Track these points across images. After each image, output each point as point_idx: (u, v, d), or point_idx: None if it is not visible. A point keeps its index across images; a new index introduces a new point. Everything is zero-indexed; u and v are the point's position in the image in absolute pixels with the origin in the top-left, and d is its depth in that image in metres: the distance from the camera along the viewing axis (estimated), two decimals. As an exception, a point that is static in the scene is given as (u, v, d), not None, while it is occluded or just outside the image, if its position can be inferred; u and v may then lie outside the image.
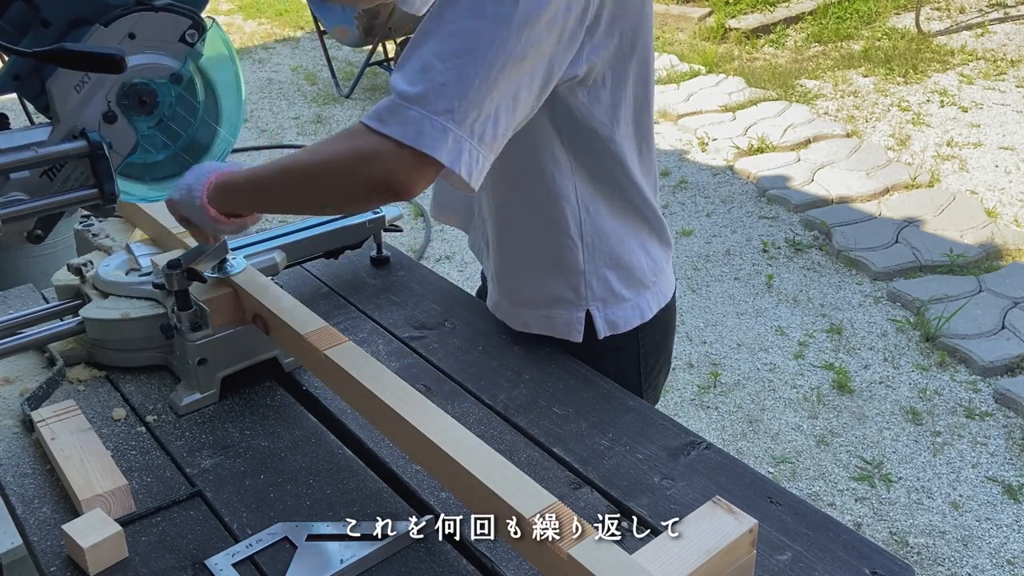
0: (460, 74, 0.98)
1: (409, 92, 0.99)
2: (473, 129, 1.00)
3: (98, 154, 1.15)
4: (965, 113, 5.39)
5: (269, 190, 1.16)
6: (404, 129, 0.99)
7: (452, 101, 0.98)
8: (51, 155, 1.14)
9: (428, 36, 1.00)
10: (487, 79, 0.99)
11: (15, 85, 1.15)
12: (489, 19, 0.98)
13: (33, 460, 1.18)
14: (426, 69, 0.99)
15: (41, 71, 1.15)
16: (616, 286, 1.34)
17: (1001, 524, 2.59)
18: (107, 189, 1.17)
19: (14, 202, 1.14)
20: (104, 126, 1.18)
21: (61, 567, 1.01)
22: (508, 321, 1.42)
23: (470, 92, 0.98)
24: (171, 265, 1.24)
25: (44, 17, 1.12)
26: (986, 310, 3.48)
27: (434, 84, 0.98)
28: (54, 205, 1.17)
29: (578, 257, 1.31)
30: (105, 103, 1.18)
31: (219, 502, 1.11)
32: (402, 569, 1.01)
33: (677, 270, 3.94)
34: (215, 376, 1.29)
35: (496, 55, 0.98)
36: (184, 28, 1.18)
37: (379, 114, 1.01)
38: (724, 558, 0.85)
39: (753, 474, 1.13)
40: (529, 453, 1.18)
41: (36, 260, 2.79)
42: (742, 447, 2.93)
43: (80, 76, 1.15)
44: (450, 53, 0.98)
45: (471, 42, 0.98)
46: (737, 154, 5.06)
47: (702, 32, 7.19)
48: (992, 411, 3.03)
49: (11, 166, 1.12)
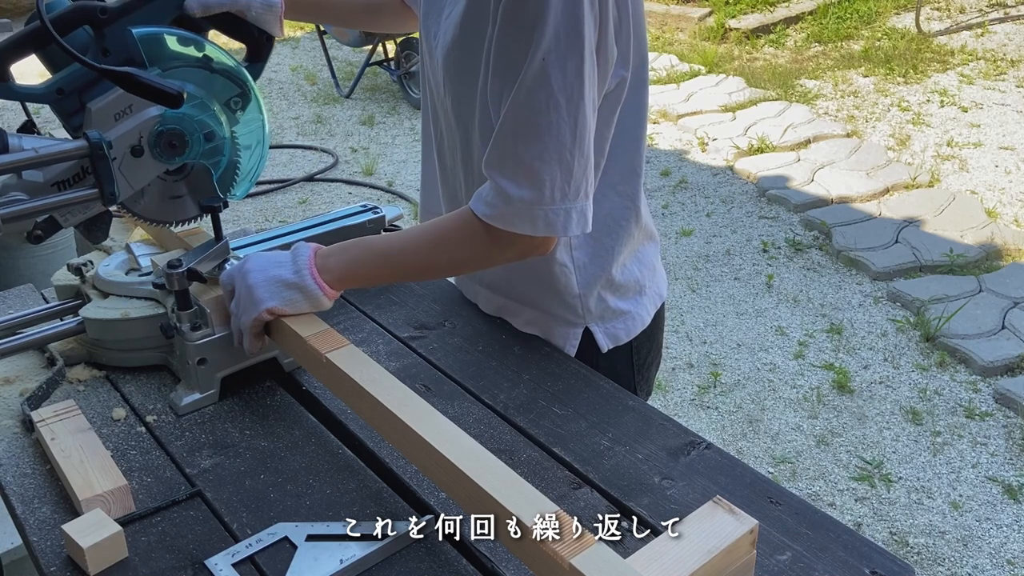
0: (562, 166, 1.10)
1: (525, 196, 1.11)
2: (587, 192, 1.15)
3: (98, 154, 1.17)
4: (965, 113, 5.39)
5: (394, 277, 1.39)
6: (534, 226, 1.13)
7: (564, 187, 1.11)
8: (52, 155, 1.15)
9: (515, 138, 1.10)
10: (583, 153, 1.11)
11: (56, 98, 1.20)
12: (564, 107, 1.07)
13: (33, 460, 1.18)
14: (531, 174, 1.10)
15: (83, 93, 1.19)
16: (613, 303, 1.35)
17: (1001, 524, 2.59)
18: (107, 190, 1.19)
19: (14, 202, 1.15)
20: (128, 158, 1.22)
21: (61, 567, 1.01)
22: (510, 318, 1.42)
23: (575, 172, 1.11)
24: (171, 265, 1.24)
25: (106, 47, 1.18)
26: (986, 310, 3.48)
27: (543, 185, 1.11)
28: (54, 205, 1.18)
29: (572, 281, 1.32)
30: (137, 137, 1.22)
31: (219, 502, 1.11)
32: (402, 569, 1.01)
33: (677, 270, 3.94)
34: (215, 376, 1.29)
35: (583, 130, 1.10)
36: (231, 95, 1.25)
37: (505, 218, 1.13)
38: (724, 558, 0.85)
39: (753, 474, 1.13)
40: (529, 453, 1.18)
41: (36, 260, 2.79)
42: (742, 447, 2.93)
43: (124, 106, 1.19)
44: (546, 153, 1.09)
45: (559, 134, 1.09)
46: (737, 154, 5.06)
47: (702, 32, 7.19)
48: (992, 411, 3.03)
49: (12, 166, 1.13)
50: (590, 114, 1.11)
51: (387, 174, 5.23)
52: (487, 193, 1.14)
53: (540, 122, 1.08)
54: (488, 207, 1.14)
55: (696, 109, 5.68)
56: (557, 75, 1.06)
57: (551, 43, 1.04)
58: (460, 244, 1.20)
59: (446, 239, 1.20)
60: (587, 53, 1.07)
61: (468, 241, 1.19)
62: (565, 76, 1.06)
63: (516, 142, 1.10)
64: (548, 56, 1.05)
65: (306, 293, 1.18)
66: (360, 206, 1.67)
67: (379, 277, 1.29)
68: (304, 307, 1.20)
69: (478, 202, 1.15)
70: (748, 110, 5.59)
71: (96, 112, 1.18)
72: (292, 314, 1.20)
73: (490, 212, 1.13)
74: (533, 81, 1.06)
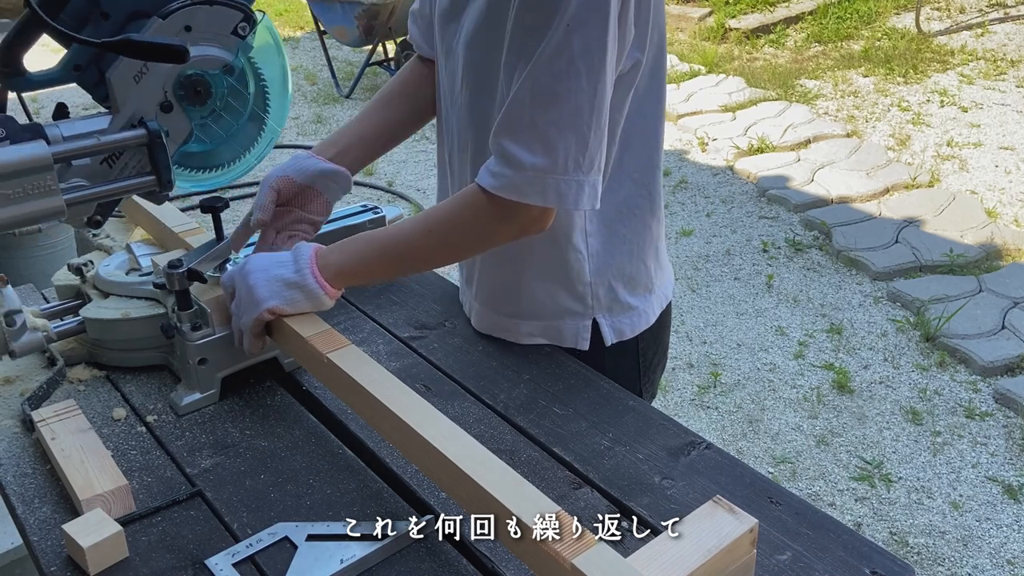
0: (578, 136, 1.08)
1: (538, 163, 1.09)
2: (600, 166, 1.12)
3: (156, 142, 1.20)
4: (965, 113, 5.39)
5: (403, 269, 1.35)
6: (544, 196, 1.10)
7: (578, 158, 1.09)
8: (112, 143, 1.19)
9: (533, 104, 1.08)
10: (599, 125, 1.09)
11: (75, 75, 1.20)
12: (584, 75, 1.06)
13: (33, 460, 1.18)
14: (545, 140, 1.08)
15: (100, 62, 1.20)
16: (623, 295, 1.34)
17: (1001, 524, 2.59)
18: (164, 176, 1.22)
19: (75, 188, 1.19)
20: (160, 115, 1.23)
21: (61, 567, 1.01)
22: (509, 336, 1.40)
23: (590, 143, 1.09)
24: (172, 265, 1.24)
25: (104, 10, 1.18)
26: (986, 310, 3.48)
27: (557, 153, 1.08)
28: (113, 191, 1.22)
29: (584, 267, 1.30)
30: (162, 93, 1.23)
31: (219, 502, 1.11)
32: (402, 569, 1.01)
33: (677, 270, 3.94)
34: (215, 376, 1.29)
35: (601, 102, 1.08)
36: (236, 21, 1.23)
37: (515, 187, 1.10)
38: (725, 557, 0.85)
39: (753, 474, 1.13)
40: (529, 453, 1.18)
41: (36, 260, 2.79)
42: (742, 447, 2.93)
43: (139, 67, 1.20)
44: (562, 120, 1.07)
45: (578, 102, 1.07)
46: (737, 154, 5.06)
47: (702, 32, 7.19)
48: (992, 411, 3.03)
49: (74, 153, 1.16)
50: (608, 88, 1.09)
51: (387, 174, 5.23)
52: (493, 165, 1.12)
53: (559, 89, 1.06)
54: (495, 178, 1.11)
55: (696, 109, 5.68)
56: (579, 42, 1.04)
57: (577, 9, 1.04)
58: (460, 223, 1.17)
59: (445, 220, 1.18)
60: (611, 25, 1.06)
61: (470, 219, 1.16)
62: (588, 44, 1.05)
63: (533, 108, 1.08)
64: (572, 22, 1.04)
65: (307, 292, 1.18)
66: (360, 206, 1.67)
67: (380, 270, 1.26)
68: (305, 306, 1.20)
69: (484, 175, 1.13)
70: (748, 110, 5.59)
71: (115, 80, 1.19)
72: (293, 313, 1.20)
73: (498, 183, 1.11)
74: (556, 47, 1.05)
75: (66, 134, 1.15)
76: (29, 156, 1.09)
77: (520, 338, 1.39)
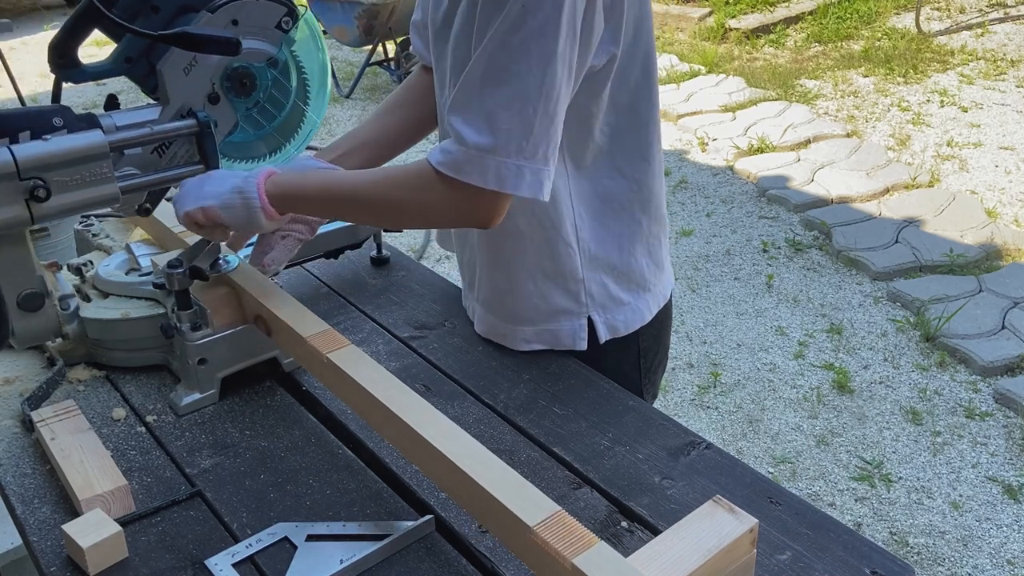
0: (523, 118, 1.07)
1: (481, 143, 1.07)
2: (546, 156, 1.10)
3: (206, 132, 1.25)
4: (965, 113, 5.39)
5: (339, 211, 1.29)
6: (484, 177, 1.08)
7: (521, 142, 1.07)
8: (164, 132, 1.23)
9: (482, 82, 1.07)
10: (547, 112, 1.08)
11: (126, 67, 1.25)
12: (535, 58, 1.05)
13: (33, 460, 1.18)
14: (490, 119, 1.07)
15: (150, 55, 1.24)
16: (615, 291, 1.33)
17: (1001, 524, 2.59)
18: (212, 165, 1.27)
19: (127, 176, 1.22)
20: (208, 106, 1.28)
21: (61, 567, 1.01)
22: (507, 341, 1.40)
23: (535, 129, 1.08)
24: (172, 265, 1.25)
25: (154, 4, 1.22)
26: (986, 310, 3.48)
27: (500, 133, 1.07)
28: (163, 180, 1.26)
29: (576, 263, 1.30)
30: (210, 85, 1.27)
31: (219, 502, 1.11)
32: (402, 569, 1.01)
33: (677, 270, 3.94)
34: (215, 376, 1.29)
35: (550, 88, 1.07)
36: (280, 15, 1.28)
37: (456, 165, 1.09)
38: (725, 557, 0.85)
39: (753, 474, 1.13)
40: (529, 453, 1.18)
41: (36, 260, 2.79)
42: (742, 447, 2.93)
43: (189, 59, 1.24)
44: (509, 100, 1.06)
45: (526, 84, 1.06)
46: (737, 154, 5.06)
47: (702, 32, 7.19)
48: (992, 411, 3.03)
49: (128, 142, 1.21)
50: (561, 75, 1.08)
51: (387, 174, 5.22)
52: (446, 142, 1.12)
53: (509, 68, 1.06)
54: (443, 154, 1.10)
55: (696, 109, 5.67)
56: (533, 24, 1.04)
57: None
58: (405, 185, 1.16)
59: (394, 179, 1.17)
60: (566, 14, 1.05)
61: (414, 185, 1.15)
62: (542, 28, 1.04)
63: (482, 87, 1.07)
64: (528, 3, 1.03)
65: (245, 200, 1.18)
66: (360, 206, 1.67)
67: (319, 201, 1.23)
68: (239, 216, 1.19)
69: (436, 151, 1.12)
70: (748, 110, 5.59)
71: (166, 72, 1.23)
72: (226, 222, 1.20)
73: (443, 159, 1.10)
74: (510, 25, 1.05)
75: (119, 124, 1.20)
76: (86, 144, 1.13)
77: (517, 344, 1.39)
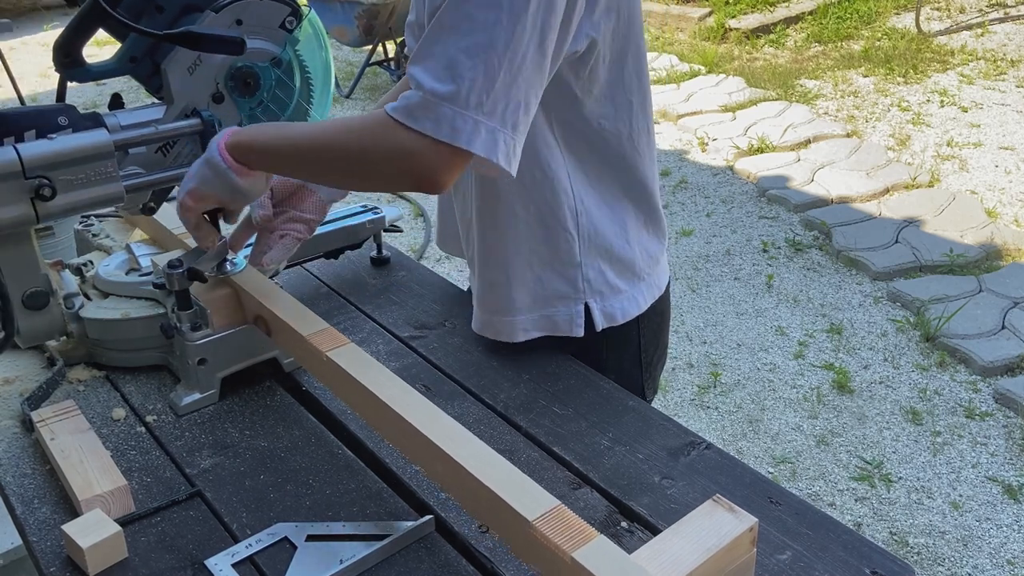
0: (487, 68, 1.01)
1: (439, 89, 1.01)
2: (505, 118, 1.04)
3: (210, 131, 1.25)
4: (965, 113, 5.39)
5: (293, 160, 1.18)
6: (437, 126, 1.01)
7: (482, 95, 1.01)
8: (169, 132, 1.24)
9: (448, 30, 1.02)
10: (512, 69, 1.02)
11: (131, 67, 1.25)
12: (506, 10, 1.00)
13: (33, 460, 1.18)
14: (452, 66, 1.01)
15: (155, 54, 1.24)
16: (611, 278, 1.34)
17: (1001, 524, 2.59)
18: None
19: (132, 175, 1.23)
20: (212, 106, 1.28)
21: (61, 567, 1.01)
22: (503, 335, 1.38)
23: (497, 84, 1.02)
24: (172, 265, 1.24)
25: (159, 3, 1.22)
26: (986, 310, 3.48)
27: (462, 81, 1.01)
28: (167, 179, 1.27)
29: (574, 249, 1.30)
30: (214, 84, 1.27)
31: (219, 502, 1.11)
32: (402, 569, 1.01)
33: (677, 270, 3.94)
34: (215, 376, 1.29)
35: (517, 44, 1.02)
36: (284, 15, 1.28)
37: (410, 110, 1.03)
38: (724, 556, 0.85)
39: (753, 474, 1.13)
40: (529, 453, 1.18)
41: (36, 260, 2.79)
42: (742, 447, 2.93)
43: (193, 59, 1.24)
44: (474, 48, 1.01)
45: (493, 35, 1.01)
46: (737, 154, 5.06)
47: (702, 32, 7.19)
48: (992, 411, 3.03)
49: (133, 141, 1.21)
50: (531, 37, 1.03)
51: (387, 174, 5.22)
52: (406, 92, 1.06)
53: (476, 16, 1.01)
54: (400, 100, 1.04)
55: (696, 109, 5.67)
56: None
57: None
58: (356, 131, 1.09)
59: (347, 124, 1.11)
60: None
61: (367, 132, 1.07)
62: None
63: (449, 33, 1.02)
64: None
65: (212, 165, 1.15)
66: (360, 206, 1.67)
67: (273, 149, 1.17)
68: (215, 184, 1.16)
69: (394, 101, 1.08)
70: (748, 110, 5.59)
71: (171, 71, 1.23)
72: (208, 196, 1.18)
73: (398, 104, 1.04)
74: None
75: (123, 123, 1.20)
76: (91, 143, 1.13)
77: (516, 335, 1.38)
